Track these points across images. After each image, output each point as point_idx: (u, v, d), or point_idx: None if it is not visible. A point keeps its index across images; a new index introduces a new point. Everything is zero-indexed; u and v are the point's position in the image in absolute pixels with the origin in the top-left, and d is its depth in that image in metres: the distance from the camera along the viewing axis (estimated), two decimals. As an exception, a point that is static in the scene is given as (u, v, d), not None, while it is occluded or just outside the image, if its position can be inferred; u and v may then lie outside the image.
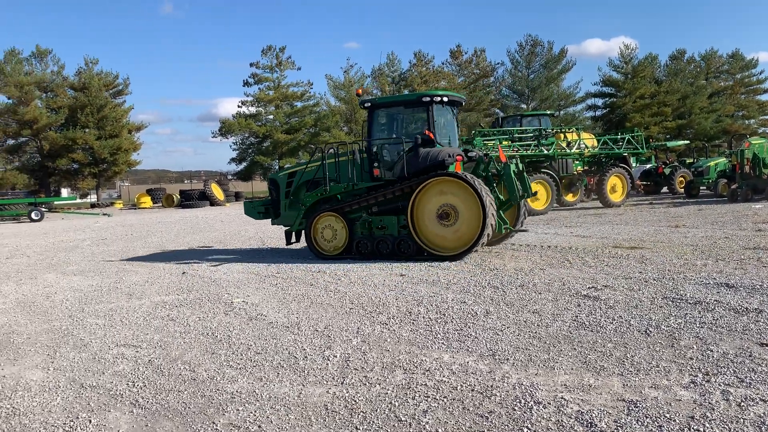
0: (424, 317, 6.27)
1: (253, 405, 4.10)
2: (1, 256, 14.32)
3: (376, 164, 10.84)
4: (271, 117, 57.31)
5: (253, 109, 57.17)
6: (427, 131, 10.43)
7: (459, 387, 4.24)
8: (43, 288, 9.37)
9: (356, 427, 3.67)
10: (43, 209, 33.99)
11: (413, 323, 6.05)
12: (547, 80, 59.59)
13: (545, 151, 18.87)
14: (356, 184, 10.95)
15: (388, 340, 5.52)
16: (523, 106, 60.45)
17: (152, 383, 4.66)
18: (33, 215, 31.63)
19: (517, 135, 19.52)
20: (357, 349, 5.26)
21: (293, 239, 11.84)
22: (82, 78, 52.93)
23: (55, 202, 41.14)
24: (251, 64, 57.95)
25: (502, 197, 10.61)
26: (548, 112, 24.57)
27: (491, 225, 9.84)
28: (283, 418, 3.86)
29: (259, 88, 57.47)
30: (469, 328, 5.77)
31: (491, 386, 4.22)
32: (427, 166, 10.30)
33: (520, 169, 10.85)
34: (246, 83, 57.79)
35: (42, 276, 10.69)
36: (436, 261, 9.98)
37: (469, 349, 5.10)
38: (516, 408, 3.84)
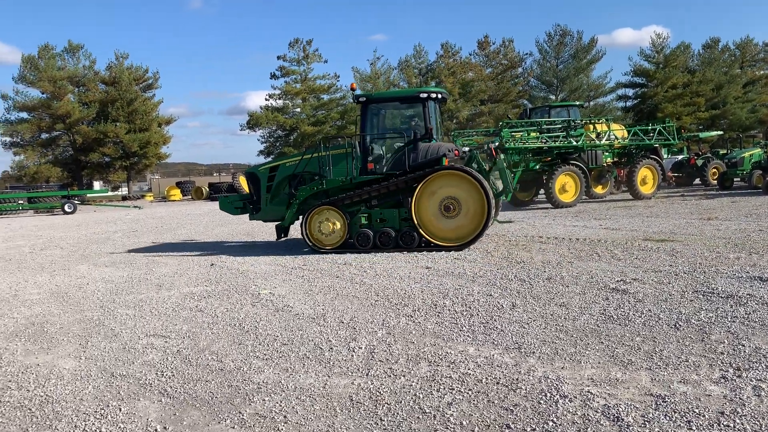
0: (449, 310, 6.26)
1: (279, 395, 4.14)
2: (36, 248, 14.66)
3: (370, 158, 10.94)
4: (298, 110, 57.55)
5: (280, 102, 57.48)
6: (430, 126, 10.78)
7: (484, 380, 4.22)
8: (75, 279, 9.57)
9: (381, 419, 3.68)
10: (76, 202, 34.68)
11: (438, 316, 6.05)
12: (576, 71, 58.72)
13: (574, 143, 18.62)
14: (354, 177, 10.91)
15: (413, 332, 5.52)
16: (552, 97, 59.70)
17: (180, 373, 4.74)
18: (66, 208, 32.31)
19: (545, 126, 19.29)
20: (382, 341, 5.27)
21: (283, 234, 11.77)
22: (112, 72, 53.75)
23: (88, 195, 41.94)
24: (278, 57, 58.25)
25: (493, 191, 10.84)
26: (577, 103, 24.21)
27: (493, 217, 10.56)
28: (308, 409, 3.89)
29: (286, 81, 57.74)
30: (494, 321, 5.74)
31: (517, 379, 4.20)
32: (427, 160, 10.63)
33: (504, 165, 11.54)
34: (273, 76, 58.14)
35: (75, 267, 10.92)
36: (441, 252, 9.94)
37: (495, 342, 5.07)
38: (541, 401, 3.81)
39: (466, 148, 12.15)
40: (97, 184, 59.89)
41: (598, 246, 10.05)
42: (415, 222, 10.51)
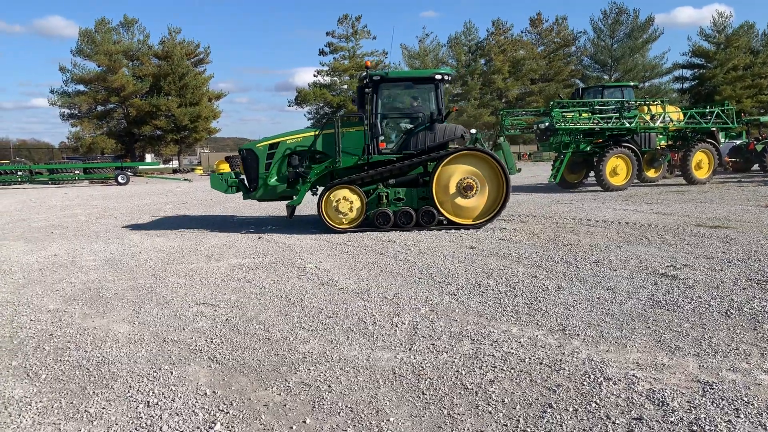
0: (493, 290, 6.25)
1: (324, 366, 4.24)
2: (92, 216, 15.20)
3: (382, 137, 10.91)
4: (345, 86, 57.63)
5: (328, 79, 57.65)
6: (455, 107, 11.11)
7: (527, 359, 4.22)
8: (129, 247, 9.91)
9: (423, 392, 3.73)
10: (129, 173, 35.69)
11: (482, 295, 6.05)
12: (631, 50, 57.03)
13: (627, 125, 18.15)
14: (371, 156, 10.87)
15: (457, 310, 5.54)
16: (605, 77, 58.19)
17: (229, 341, 4.88)
18: (120, 179, 33.30)
19: (597, 107, 18.84)
20: (425, 318, 5.31)
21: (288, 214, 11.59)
22: (165, 47, 54.79)
23: (140, 167, 43.05)
24: (327, 33, 58.40)
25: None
26: (632, 84, 23.51)
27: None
28: (352, 380, 3.97)
29: (334, 58, 57.90)
30: (539, 302, 5.71)
31: (560, 360, 4.19)
32: (444, 140, 10.93)
33: (509, 147, 11.95)
34: (322, 52, 58.42)
35: (128, 236, 11.29)
36: (486, 232, 9.87)
37: (539, 323, 5.05)
38: (585, 383, 3.79)
39: (474, 130, 12.37)
40: (148, 157, 61.45)
41: (648, 231, 9.84)
42: (435, 201, 10.71)
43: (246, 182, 11.49)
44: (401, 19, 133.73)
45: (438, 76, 10.98)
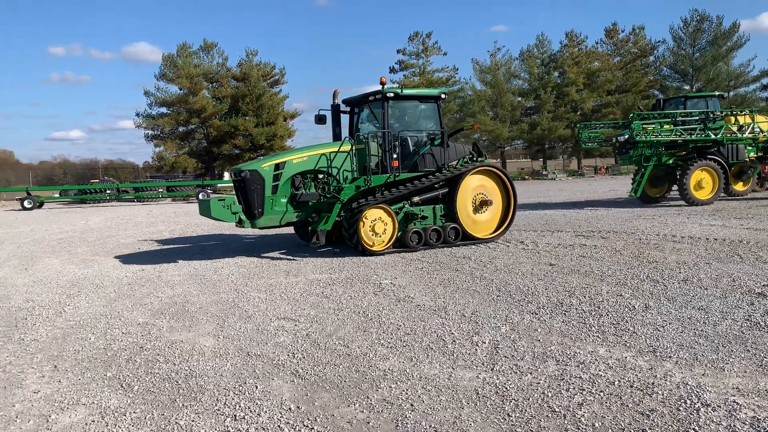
0: (576, 309, 6.05)
1: (405, 383, 4.21)
2: (175, 233, 15.83)
3: (395, 156, 10.66)
4: (417, 103, 57.82)
5: (399, 96, 57.98)
6: (476, 125, 11.36)
7: (616, 382, 4.05)
8: (211, 263, 10.24)
9: (508, 414, 3.64)
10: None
11: (565, 314, 5.87)
12: (713, 58, 54.53)
13: (713, 136, 17.32)
14: (397, 174, 10.68)
15: (539, 329, 5.39)
16: (686, 87, 55.91)
17: (310, 356, 4.93)
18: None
19: (680, 118, 18.08)
20: (506, 337, 5.20)
21: (315, 239, 10.24)
22: (243, 69, 56.70)
23: (219, 185, 44.55)
24: (398, 51, 58.91)
25: None
26: (717, 94, 22.48)
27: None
28: (434, 399, 3.92)
29: (404, 75, 58.26)
30: (626, 322, 5.49)
31: (652, 384, 3.99)
32: (457, 158, 11.26)
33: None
34: (392, 70, 58.90)
35: (210, 252, 11.67)
36: (565, 249, 9.57)
37: (627, 344, 4.85)
38: (681, 408, 3.60)
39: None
40: (227, 175, 63.53)
41: (740, 247, 9.30)
42: (458, 218, 10.83)
43: (243, 208, 10.21)
44: (472, 34, 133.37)
45: (443, 95, 11.33)
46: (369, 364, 4.67)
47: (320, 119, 11.79)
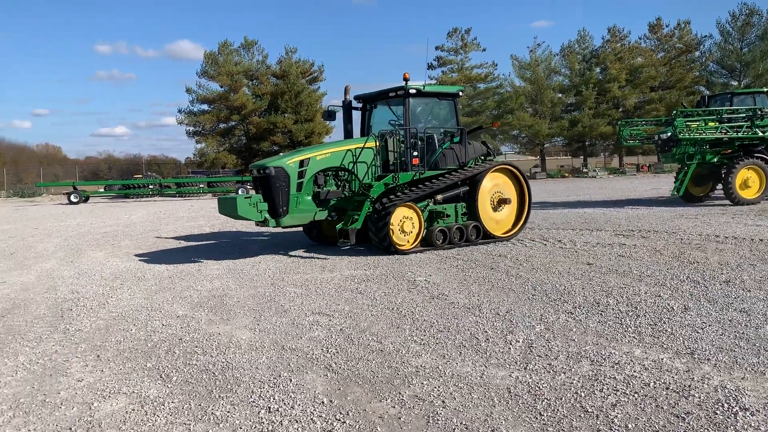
0: (613, 309, 5.97)
1: (437, 380, 4.22)
2: (215, 227, 16.13)
3: (416, 153, 10.59)
4: (454, 99, 57.52)
5: (436, 92, 57.74)
6: (496, 123, 11.53)
7: (652, 384, 3.99)
8: (249, 257, 10.41)
9: (540, 413, 3.62)
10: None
11: (601, 314, 5.79)
12: (763, 54, 52.80)
13: (760, 134, 16.80)
14: (422, 172, 10.66)
15: (574, 329, 5.34)
16: (734, 83, 54.30)
17: (344, 350, 4.99)
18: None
19: (726, 115, 17.58)
20: (540, 336, 5.17)
21: (350, 240, 9.92)
22: (282, 66, 57.33)
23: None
24: (436, 47, 58.72)
25: None
26: (765, 90, 21.78)
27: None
28: (466, 396, 3.92)
29: (442, 71, 58.03)
30: (664, 323, 5.39)
31: (689, 386, 3.92)
32: (476, 156, 11.41)
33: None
34: (430, 66, 58.73)
35: (248, 247, 11.87)
36: (604, 248, 9.42)
37: (664, 346, 4.76)
38: (718, 412, 3.53)
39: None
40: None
41: (787, 248, 9.02)
42: (480, 216, 10.82)
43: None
44: (512, 29, 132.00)
45: (460, 93, 11.42)
46: (401, 360, 4.70)
47: (330, 115, 11.80)
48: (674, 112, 17.73)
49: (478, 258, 9.37)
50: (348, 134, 11.68)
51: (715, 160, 17.53)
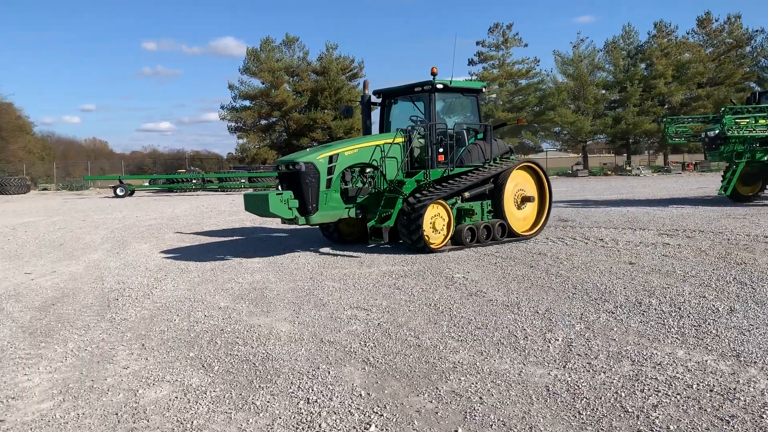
0: (655, 309, 5.86)
1: (474, 377, 4.22)
2: (255, 222, 16.36)
3: (441, 150, 10.44)
4: (494, 96, 57.03)
5: (476, 88, 57.21)
6: (522, 120, 11.54)
7: (695, 385, 3.91)
8: (288, 251, 10.54)
9: (579, 412, 3.59)
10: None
11: (643, 314, 5.69)
12: (818, 48, 50.80)
13: (814, 131, 16.19)
14: (452, 168, 10.54)
15: (615, 329, 5.26)
16: (787, 79, 52.40)
17: (381, 345, 5.03)
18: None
19: (777, 113, 16.98)
20: (580, 335, 5.11)
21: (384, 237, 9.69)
22: (322, 63, 57.65)
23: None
24: (477, 43, 58.25)
25: None
26: (820, 86, 20.98)
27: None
28: (503, 393, 3.91)
29: (483, 67, 57.54)
30: (708, 324, 5.27)
31: (734, 389, 3.83)
32: (500, 153, 11.38)
33: None
34: (471, 62, 58.28)
35: (287, 242, 12.01)
36: (647, 247, 9.21)
37: (708, 347, 4.66)
38: (764, 416, 3.44)
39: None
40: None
41: (841, 251, 8.70)
42: (505, 214, 10.74)
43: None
44: (555, 24, 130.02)
45: (484, 89, 11.36)
46: (439, 355, 4.71)
47: (347, 111, 11.85)
48: (723, 109, 17.23)
49: (517, 255, 9.30)
50: (367, 130, 11.56)
51: (766, 158, 16.98)
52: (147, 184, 39.05)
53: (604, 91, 56.88)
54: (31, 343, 5.47)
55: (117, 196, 33.22)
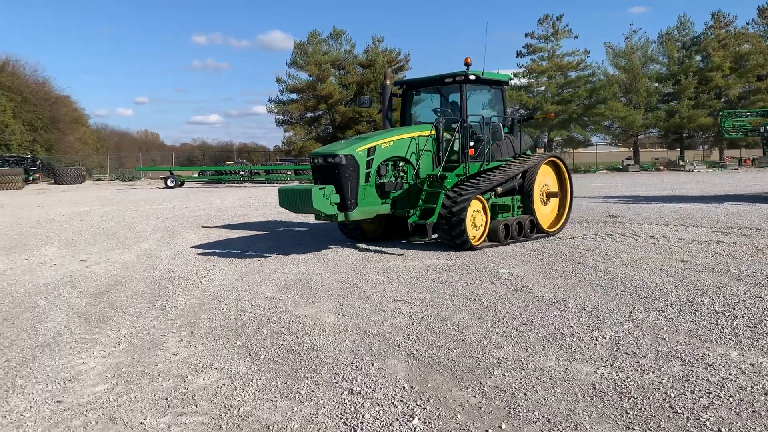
0: (708, 308, 5.69)
1: (519, 373, 4.18)
2: (300, 215, 16.53)
3: (472, 144, 10.18)
4: (543, 88, 56.10)
5: (524, 81, 56.51)
6: (551, 113, 11.22)
7: (749, 388, 3.79)
8: (333, 244, 10.64)
9: (626, 411, 3.52)
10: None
11: (695, 314, 5.53)
12: None
13: None
14: (487, 162, 10.40)
15: (665, 328, 5.13)
16: None
17: (425, 338, 5.03)
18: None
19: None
20: (628, 334, 5.00)
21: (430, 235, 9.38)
22: (369, 56, 57.74)
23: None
24: (526, 35, 57.36)
25: None
26: None
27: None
28: (548, 391, 3.87)
29: (532, 59, 56.62)
30: (764, 326, 5.08)
31: (791, 394, 3.69)
32: (527, 147, 11.36)
33: None
34: (519, 54, 57.45)
35: (331, 233, 12.11)
36: (700, 245, 8.91)
37: (764, 349, 4.50)
38: (824, 423, 3.31)
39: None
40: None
41: None
42: (534, 209, 10.56)
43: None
44: (607, 15, 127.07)
45: (510, 81, 11.32)
46: (483, 351, 4.68)
47: (363, 102, 11.76)
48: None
49: (564, 251, 9.15)
50: (389, 122, 11.11)
51: (829, 154, 16.26)
52: (196, 175, 39.89)
53: (657, 84, 55.27)
54: (86, 328, 5.67)
55: (167, 187, 34.07)
